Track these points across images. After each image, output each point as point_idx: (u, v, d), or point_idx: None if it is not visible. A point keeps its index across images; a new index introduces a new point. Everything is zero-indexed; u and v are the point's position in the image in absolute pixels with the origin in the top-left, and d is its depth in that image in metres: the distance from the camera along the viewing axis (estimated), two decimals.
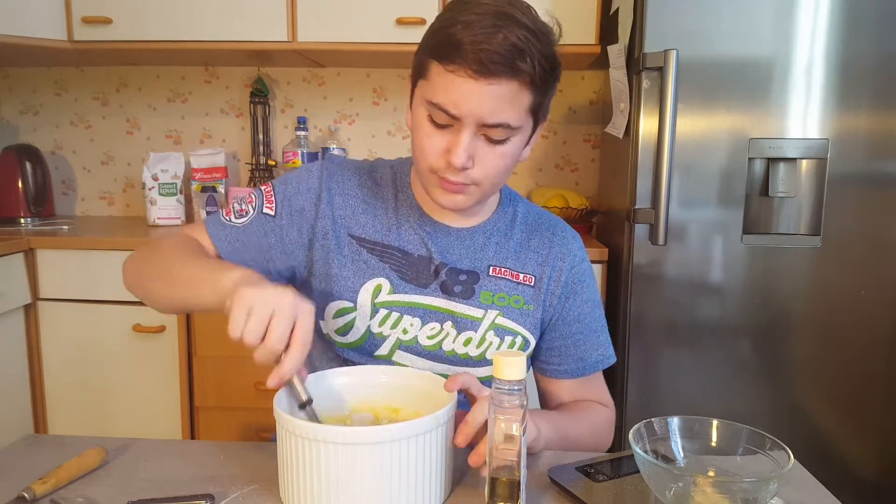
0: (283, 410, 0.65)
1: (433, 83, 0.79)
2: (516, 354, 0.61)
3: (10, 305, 1.77)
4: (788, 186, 1.58)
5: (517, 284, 0.93)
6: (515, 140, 0.82)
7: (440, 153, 0.81)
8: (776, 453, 0.65)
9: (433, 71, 0.79)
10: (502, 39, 0.73)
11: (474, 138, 0.79)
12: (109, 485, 0.72)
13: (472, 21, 0.74)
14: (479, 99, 0.76)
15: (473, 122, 0.78)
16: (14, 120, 2.42)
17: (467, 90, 0.75)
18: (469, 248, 0.92)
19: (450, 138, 0.80)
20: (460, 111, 0.77)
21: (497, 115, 0.77)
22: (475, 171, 0.81)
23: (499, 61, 0.74)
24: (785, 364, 1.62)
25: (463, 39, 0.74)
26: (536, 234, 0.97)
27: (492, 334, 0.91)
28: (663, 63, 1.52)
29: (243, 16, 1.93)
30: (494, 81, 0.75)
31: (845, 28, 1.51)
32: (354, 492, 0.62)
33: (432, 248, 0.91)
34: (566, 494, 0.71)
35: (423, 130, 0.82)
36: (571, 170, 2.33)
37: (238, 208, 0.92)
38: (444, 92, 0.77)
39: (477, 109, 0.76)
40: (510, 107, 0.77)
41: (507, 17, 0.75)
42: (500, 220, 0.95)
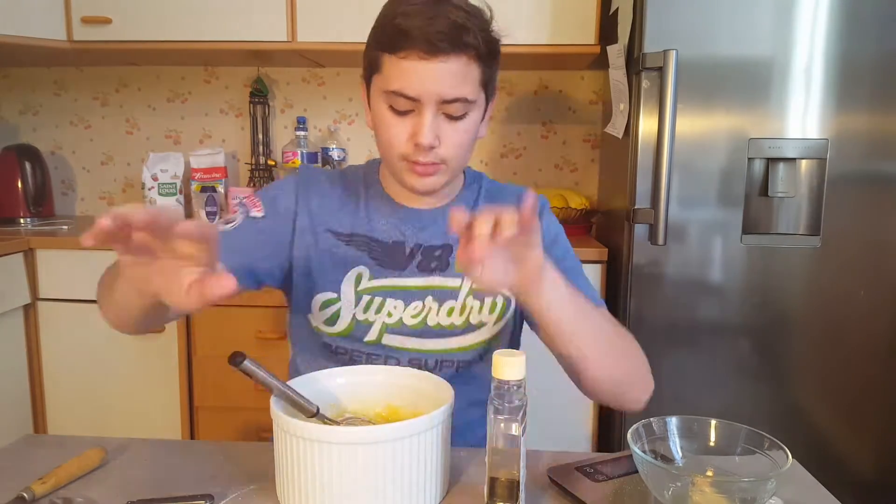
0: (279, 410, 0.66)
1: (387, 74, 0.84)
2: (516, 354, 0.61)
3: (9, 305, 1.77)
4: (788, 186, 1.58)
5: None
6: (473, 115, 0.87)
7: (406, 139, 0.85)
8: (775, 453, 0.65)
9: (385, 63, 0.84)
10: (444, 20, 0.80)
11: (436, 117, 0.84)
12: (109, 485, 0.72)
13: (411, 10, 0.81)
14: (433, 77, 0.81)
15: (433, 100, 0.82)
16: (14, 120, 2.42)
17: (421, 71, 0.81)
18: (441, 226, 0.95)
19: (413, 122, 0.84)
20: (418, 92, 0.82)
21: (454, 90, 0.82)
22: (442, 149, 0.85)
23: (445, 39, 0.80)
24: (784, 364, 1.62)
25: (408, 26, 0.80)
26: (500, 199, 0.99)
27: (471, 299, 0.94)
28: (663, 63, 1.52)
29: (243, 16, 1.94)
30: (444, 58, 0.80)
31: (845, 28, 1.51)
32: (350, 491, 0.62)
33: (406, 233, 0.95)
34: (566, 494, 0.71)
35: (385, 121, 0.86)
36: (571, 170, 2.33)
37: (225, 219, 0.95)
38: (399, 78, 0.82)
39: (434, 87, 0.81)
40: (464, 81, 0.83)
41: (443, 3, 0.81)
42: (467, 196, 1.00)
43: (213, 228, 0.58)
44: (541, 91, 2.30)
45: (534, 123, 2.32)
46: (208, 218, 2.18)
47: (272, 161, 2.28)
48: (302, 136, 2.19)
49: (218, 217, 2.19)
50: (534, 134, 2.32)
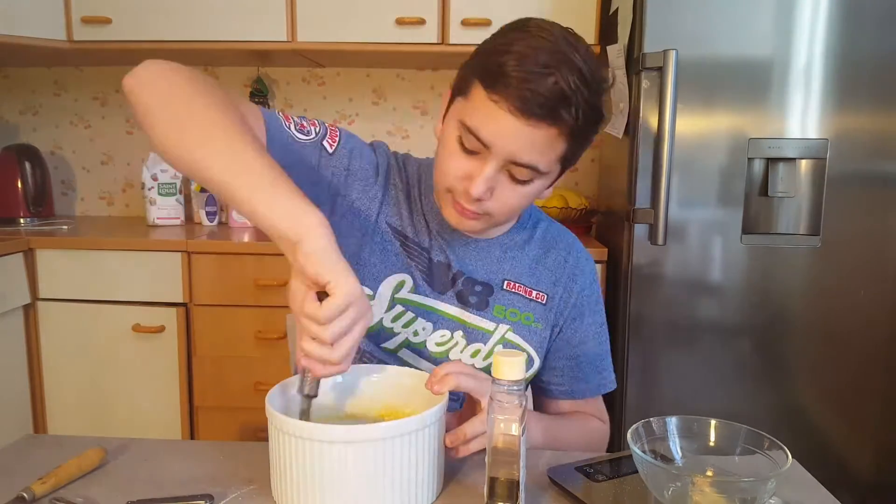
0: (275, 409, 0.66)
1: (472, 106, 0.76)
2: (516, 354, 0.61)
3: (9, 305, 1.77)
4: (788, 186, 1.58)
5: (529, 301, 0.92)
6: (539, 182, 0.80)
7: (461, 177, 0.79)
8: (774, 453, 0.65)
9: (475, 93, 0.76)
10: (552, 84, 0.71)
11: (498, 172, 0.77)
12: (109, 485, 0.72)
13: (526, 54, 0.71)
14: (514, 137, 0.74)
15: (502, 156, 0.75)
16: (14, 120, 2.42)
17: (504, 125, 0.73)
18: (486, 260, 0.92)
19: (474, 165, 0.77)
20: (491, 141, 0.75)
21: (528, 157, 0.75)
22: (491, 203, 0.79)
23: (543, 105, 0.71)
24: (784, 364, 1.62)
25: (512, 73, 0.71)
26: (553, 251, 0.96)
27: (500, 348, 0.91)
28: (663, 63, 1.52)
29: (243, 16, 1.93)
30: (534, 124, 0.73)
31: (845, 28, 1.51)
32: (344, 489, 0.63)
33: (451, 256, 0.90)
34: (565, 494, 0.71)
35: (449, 149, 0.79)
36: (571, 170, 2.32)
37: (298, 122, 0.86)
38: (481, 119, 0.75)
39: (509, 146, 0.74)
40: (543, 152, 0.76)
41: (562, 59, 0.72)
42: (518, 234, 0.94)
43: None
44: None
45: None
46: (208, 218, 2.18)
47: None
48: None
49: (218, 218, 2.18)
50: None
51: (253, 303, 1.79)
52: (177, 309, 1.82)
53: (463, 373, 0.73)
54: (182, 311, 1.83)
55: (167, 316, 1.83)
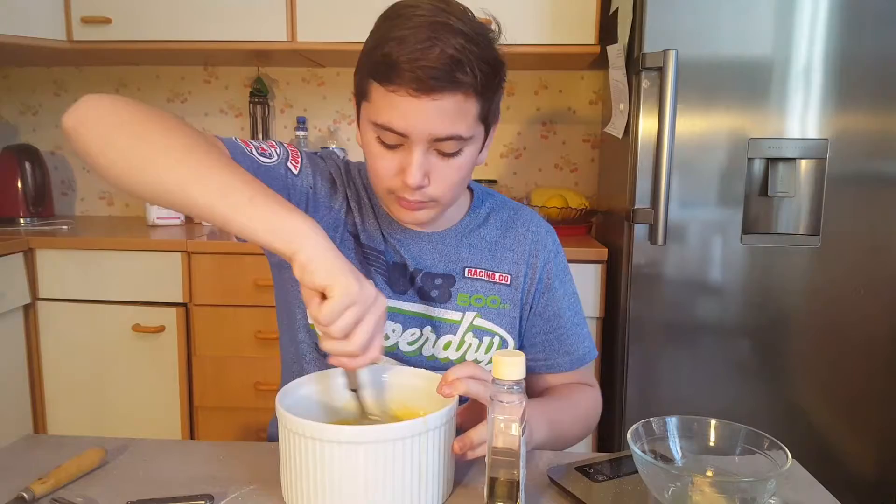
0: (284, 408, 0.66)
1: (376, 104, 0.77)
2: (516, 354, 0.61)
3: (9, 306, 1.77)
4: (788, 186, 1.58)
5: (493, 284, 0.93)
6: (468, 150, 0.80)
7: (394, 173, 0.79)
8: (774, 453, 0.65)
9: (374, 92, 0.77)
10: (439, 53, 0.71)
11: (427, 154, 0.77)
12: (109, 485, 0.72)
13: (405, 36, 0.72)
14: (424, 116, 0.74)
15: (423, 138, 0.76)
16: (13, 120, 2.42)
17: (411, 109, 0.73)
18: (442, 252, 0.92)
19: (402, 157, 0.78)
20: (406, 129, 0.75)
21: (446, 128, 0.75)
22: (432, 188, 0.79)
23: (438, 76, 0.72)
24: (784, 364, 1.62)
25: (399, 58, 0.72)
26: (510, 231, 0.96)
27: (470, 336, 0.91)
28: (663, 63, 1.52)
29: (243, 16, 1.93)
30: (437, 97, 0.73)
31: (845, 28, 1.51)
32: (354, 490, 0.63)
33: (405, 255, 0.91)
34: (565, 494, 0.71)
35: (373, 153, 0.80)
36: (571, 170, 2.33)
37: (258, 146, 0.85)
38: (387, 112, 0.75)
39: (424, 126, 0.74)
40: (458, 119, 0.75)
41: (440, 27, 0.72)
42: (472, 220, 0.94)
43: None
44: (541, 91, 2.30)
45: (534, 123, 2.32)
46: None
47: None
48: (302, 136, 2.19)
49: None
50: (534, 134, 2.32)
51: (253, 303, 1.79)
52: (177, 309, 1.82)
53: (473, 377, 0.72)
54: (182, 311, 1.83)
55: (167, 316, 1.83)
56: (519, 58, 2.01)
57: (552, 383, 0.98)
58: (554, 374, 0.98)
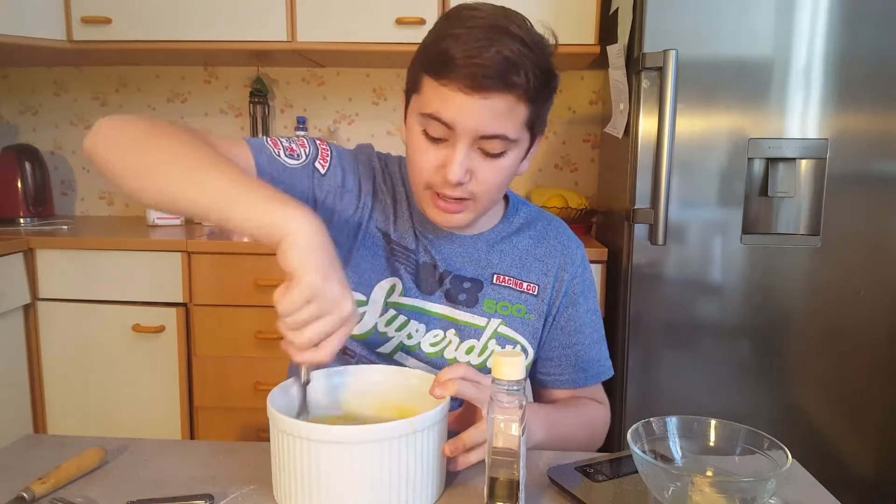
0: (276, 409, 0.66)
1: (426, 97, 0.78)
2: (515, 354, 0.61)
3: (9, 305, 1.77)
4: (788, 186, 1.58)
5: (520, 293, 0.92)
6: (512, 154, 0.80)
7: (435, 168, 0.79)
8: (774, 453, 0.65)
9: (426, 85, 0.78)
10: (494, 53, 0.72)
11: (470, 152, 0.78)
12: (109, 485, 0.72)
13: (463, 34, 0.73)
14: (473, 113, 0.74)
15: (469, 134, 0.76)
16: (13, 120, 2.42)
17: (461, 104, 0.74)
18: (473, 256, 0.92)
19: (445, 153, 0.78)
20: (454, 120, 0.75)
21: (493, 128, 0.76)
22: (472, 185, 0.79)
23: (491, 76, 0.72)
24: (784, 364, 1.62)
25: (455, 54, 0.73)
26: (542, 242, 0.95)
27: (493, 343, 0.91)
28: (663, 63, 1.52)
29: (243, 16, 1.93)
30: (488, 96, 0.74)
31: (845, 28, 1.51)
32: (343, 490, 0.63)
33: (436, 256, 0.90)
34: (565, 494, 0.71)
35: (417, 146, 0.80)
36: (571, 170, 2.33)
37: (287, 146, 0.86)
38: (437, 103, 0.76)
39: (472, 123, 0.75)
40: (506, 120, 0.76)
41: (499, 30, 0.73)
42: (505, 228, 0.94)
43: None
44: None
45: None
46: None
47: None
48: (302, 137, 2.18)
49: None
50: None
51: (253, 303, 1.79)
52: (177, 309, 1.82)
53: (466, 378, 0.72)
54: (182, 311, 1.83)
55: (167, 316, 1.83)
56: None
57: (559, 396, 0.97)
58: (564, 390, 0.97)
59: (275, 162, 0.83)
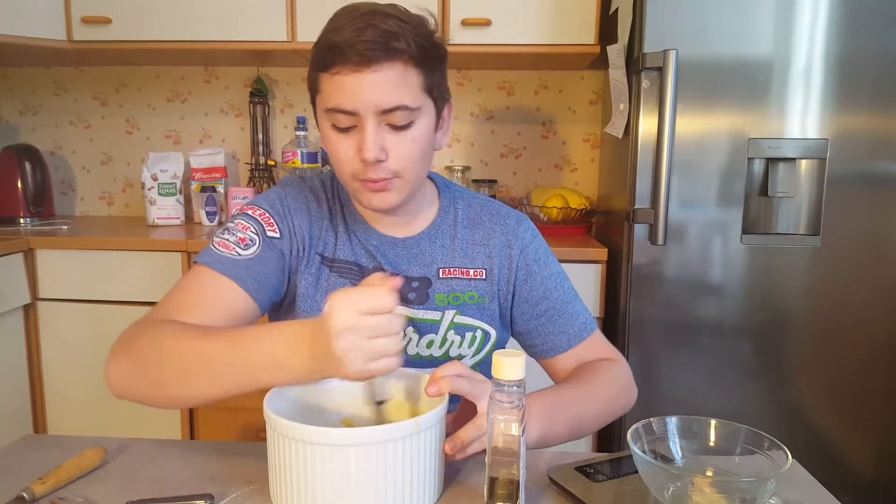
0: (272, 411, 0.65)
1: (325, 93, 0.82)
2: (515, 354, 0.61)
3: (9, 305, 1.77)
4: (788, 186, 1.58)
5: (469, 280, 0.94)
6: (421, 123, 0.84)
7: (353, 155, 0.82)
8: (774, 453, 0.65)
9: (322, 82, 0.82)
10: (374, 30, 0.78)
11: (380, 129, 0.81)
12: (109, 485, 0.72)
13: (343, 24, 0.79)
14: (368, 88, 0.79)
15: (371, 112, 0.80)
16: (13, 120, 2.42)
17: (355, 84, 0.79)
18: (417, 256, 0.94)
19: (357, 138, 0.82)
20: (354, 105, 0.79)
21: (391, 98, 0.79)
22: (391, 162, 0.83)
23: (375, 48, 0.77)
24: (784, 364, 1.62)
25: (338, 41, 0.78)
26: (479, 227, 0.97)
27: (452, 333, 0.93)
28: (663, 63, 1.52)
29: (243, 16, 1.93)
30: (377, 68, 0.78)
31: (845, 28, 1.52)
32: (344, 493, 0.62)
33: (381, 260, 0.92)
34: (565, 494, 0.71)
35: (332, 141, 0.84)
36: (571, 170, 2.33)
37: (238, 238, 0.88)
38: (336, 95, 0.80)
39: (369, 98, 0.79)
40: (401, 89, 0.80)
41: (375, 14, 0.79)
42: (442, 221, 0.96)
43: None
44: (541, 91, 2.30)
45: (534, 123, 2.32)
46: (208, 218, 2.19)
47: (272, 161, 2.28)
48: (302, 136, 2.18)
49: (218, 218, 2.19)
50: (534, 134, 2.32)
51: None
52: None
53: (459, 375, 0.73)
54: None
55: None
56: (519, 58, 2.01)
57: (564, 364, 0.97)
58: (563, 356, 0.96)
59: (241, 264, 0.85)
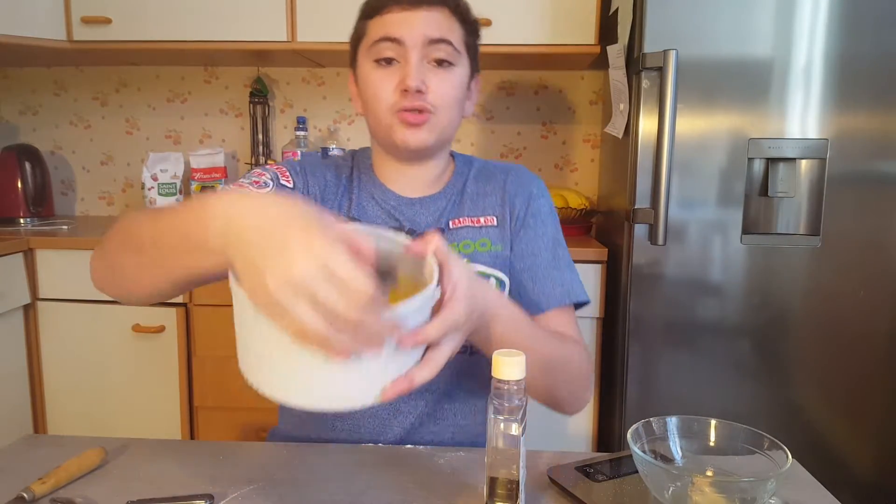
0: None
1: (373, 33, 0.87)
2: (515, 354, 0.61)
3: (9, 306, 1.77)
4: (788, 186, 1.58)
5: (479, 228, 0.95)
6: (459, 70, 0.89)
7: (394, 88, 0.86)
8: (774, 453, 0.65)
9: (370, 26, 0.88)
10: None
11: (422, 63, 0.86)
12: (109, 485, 0.72)
13: None
14: (417, 22, 0.85)
15: (417, 42, 0.85)
16: (13, 120, 2.42)
17: (403, 18, 0.85)
18: (434, 213, 0.95)
19: (399, 73, 0.86)
20: (402, 33, 0.84)
21: (438, 31, 0.85)
22: (430, 96, 0.86)
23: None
24: (784, 364, 1.62)
25: None
26: (491, 180, 0.99)
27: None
28: (663, 63, 1.52)
29: (243, 16, 1.94)
30: (426, 8, 0.85)
31: (845, 28, 1.52)
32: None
33: (400, 218, 0.94)
34: (565, 494, 0.71)
35: (373, 79, 0.87)
36: (571, 170, 2.33)
37: (252, 180, 0.89)
38: (383, 28, 0.86)
39: (417, 31, 0.85)
40: (447, 28, 0.86)
41: None
42: (456, 182, 0.99)
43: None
44: (541, 91, 2.30)
45: (534, 123, 2.32)
46: None
47: (272, 161, 2.28)
48: (302, 136, 2.19)
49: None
50: (534, 134, 2.32)
51: None
52: (177, 309, 1.82)
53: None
54: (182, 311, 1.83)
55: (167, 316, 1.83)
56: (519, 58, 2.01)
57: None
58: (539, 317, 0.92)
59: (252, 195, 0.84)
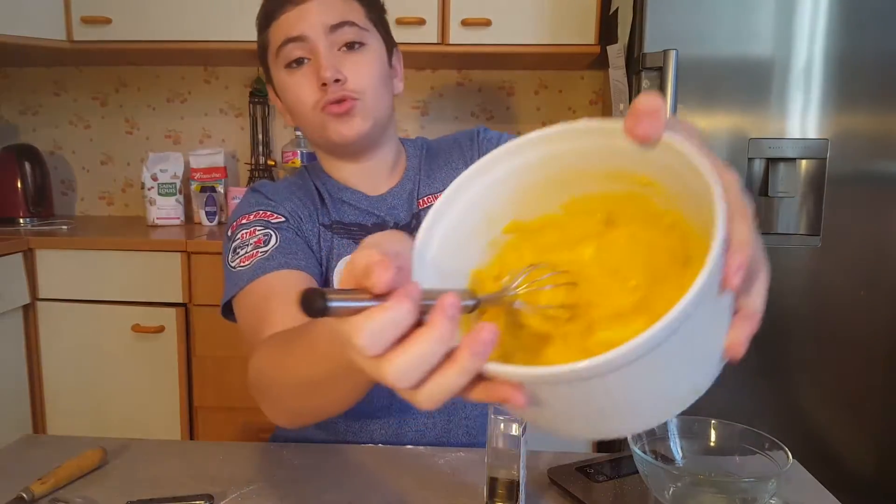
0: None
1: (274, 41, 0.87)
2: None
3: (9, 306, 1.77)
4: (788, 186, 1.58)
5: None
6: (372, 48, 0.87)
7: (312, 86, 0.85)
8: (775, 453, 0.65)
9: (270, 35, 0.88)
10: None
11: (331, 51, 0.84)
12: (108, 485, 0.72)
13: None
14: (312, 13, 0.83)
15: (321, 31, 0.83)
16: (13, 120, 2.42)
17: (298, 15, 0.84)
18: (406, 201, 0.95)
19: (313, 67, 0.85)
20: (302, 29, 0.83)
21: (336, 15, 0.84)
22: (350, 82, 0.84)
23: None
24: (784, 364, 1.62)
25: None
26: (441, 153, 1.00)
27: None
28: (663, 63, 1.52)
29: (243, 16, 1.93)
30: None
31: (845, 28, 1.51)
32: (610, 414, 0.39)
33: (380, 213, 0.94)
34: (566, 494, 0.71)
35: (290, 83, 0.87)
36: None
37: (253, 243, 0.85)
38: (283, 31, 0.85)
39: (315, 19, 0.83)
40: (345, 8, 0.85)
41: None
42: (413, 163, 0.99)
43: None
44: (541, 91, 2.30)
45: (534, 123, 2.32)
46: (207, 218, 2.19)
47: (272, 161, 2.28)
48: (301, 136, 2.18)
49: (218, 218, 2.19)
50: None
51: None
52: (176, 309, 1.82)
53: None
54: (182, 311, 1.83)
55: (167, 316, 1.83)
56: (519, 58, 2.01)
57: None
58: None
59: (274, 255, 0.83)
